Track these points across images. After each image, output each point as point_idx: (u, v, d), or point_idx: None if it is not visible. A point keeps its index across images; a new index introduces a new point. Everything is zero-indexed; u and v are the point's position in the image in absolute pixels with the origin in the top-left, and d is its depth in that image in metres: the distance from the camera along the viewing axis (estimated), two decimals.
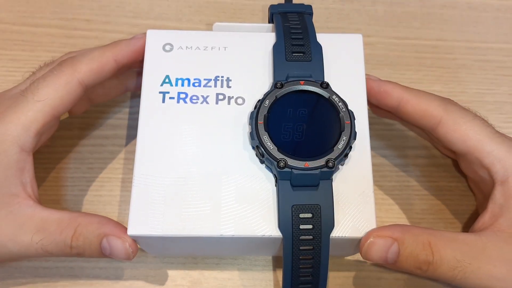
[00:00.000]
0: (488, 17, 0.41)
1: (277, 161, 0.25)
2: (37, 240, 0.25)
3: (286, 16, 0.30)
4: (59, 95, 0.27)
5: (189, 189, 0.26)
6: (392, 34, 0.40)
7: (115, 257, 0.26)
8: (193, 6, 0.40)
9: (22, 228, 0.25)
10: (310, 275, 0.25)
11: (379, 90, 0.29)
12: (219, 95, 0.28)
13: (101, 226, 0.26)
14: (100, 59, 0.28)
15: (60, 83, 0.27)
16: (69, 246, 0.25)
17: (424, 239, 0.25)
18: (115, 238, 0.25)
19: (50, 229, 0.25)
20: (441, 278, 0.25)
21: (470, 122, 0.28)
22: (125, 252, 0.26)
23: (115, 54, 0.29)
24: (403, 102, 0.28)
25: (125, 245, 0.25)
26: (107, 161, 0.34)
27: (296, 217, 0.25)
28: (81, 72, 0.27)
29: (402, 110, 0.29)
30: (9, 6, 0.39)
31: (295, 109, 0.26)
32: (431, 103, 0.28)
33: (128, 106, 0.36)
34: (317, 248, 0.25)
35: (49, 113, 0.27)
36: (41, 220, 0.26)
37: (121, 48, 0.29)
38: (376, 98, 0.29)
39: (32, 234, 0.25)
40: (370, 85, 0.29)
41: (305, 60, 0.28)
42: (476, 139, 0.27)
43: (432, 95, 0.29)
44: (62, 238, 0.25)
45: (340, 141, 0.26)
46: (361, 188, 0.26)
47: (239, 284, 0.31)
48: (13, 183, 0.26)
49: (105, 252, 0.26)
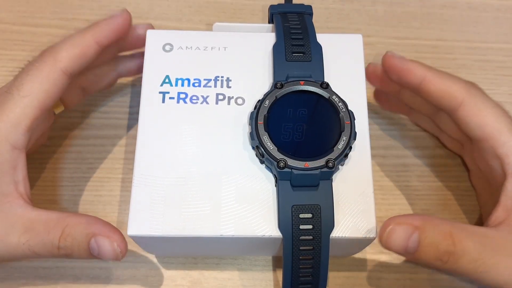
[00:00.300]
0: (488, 17, 0.41)
1: (277, 161, 0.25)
2: (24, 241, 0.25)
3: (286, 16, 0.30)
4: (44, 88, 0.26)
5: (189, 189, 0.26)
6: (392, 34, 0.40)
7: (103, 258, 0.25)
8: (193, 6, 0.40)
9: (11, 229, 0.25)
10: (310, 275, 0.25)
11: (402, 67, 0.28)
12: (219, 95, 0.28)
13: (90, 226, 0.25)
14: (80, 43, 0.27)
15: (43, 76, 0.26)
16: (57, 246, 0.25)
17: (446, 229, 0.24)
18: (103, 238, 0.25)
19: (37, 230, 0.25)
20: (460, 271, 0.24)
21: (491, 109, 0.27)
22: (113, 253, 0.25)
23: (95, 36, 0.28)
24: (426, 81, 0.28)
25: (113, 246, 0.25)
26: (107, 161, 0.34)
27: (296, 217, 0.25)
28: (63, 61, 0.27)
29: (424, 88, 0.28)
30: (9, 6, 0.39)
31: (295, 109, 0.26)
32: (454, 84, 0.28)
33: (128, 106, 0.36)
34: (317, 248, 0.25)
35: (37, 107, 0.26)
36: (29, 220, 0.25)
37: (101, 29, 0.28)
38: (398, 75, 0.29)
39: (20, 234, 0.25)
40: (393, 62, 0.29)
41: (305, 60, 0.28)
42: (494, 127, 0.27)
43: (456, 77, 0.28)
44: (50, 239, 0.25)
45: (340, 141, 0.25)
46: (361, 188, 0.26)
47: (239, 284, 0.31)
48: (4, 182, 0.25)
49: (94, 252, 0.25)
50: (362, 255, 0.32)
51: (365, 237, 0.25)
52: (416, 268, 0.31)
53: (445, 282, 0.31)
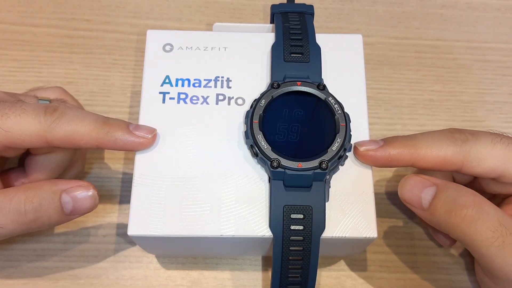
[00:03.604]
0: (488, 17, 0.41)
1: (270, 160, 0.25)
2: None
3: (286, 16, 0.30)
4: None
5: (189, 189, 0.26)
6: (392, 34, 0.40)
7: (78, 211, 0.24)
8: (193, 6, 0.40)
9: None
10: (299, 275, 0.25)
11: (387, 159, 0.26)
12: (219, 96, 0.28)
13: (55, 183, 0.24)
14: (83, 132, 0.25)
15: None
16: (23, 212, 0.23)
17: (467, 191, 0.23)
18: (75, 187, 0.24)
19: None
20: (475, 238, 0.23)
21: (491, 152, 0.25)
22: (91, 199, 0.24)
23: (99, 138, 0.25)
24: (417, 161, 0.26)
25: (88, 191, 0.24)
26: (107, 161, 0.34)
27: (287, 217, 0.25)
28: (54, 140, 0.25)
29: (419, 167, 0.26)
30: (9, 6, 0.39)
31: (290, 110, 0.26)
32: (445, 151, 0.25)
33: (128, 106, 0.36)
34: (307, 249, 0.25)
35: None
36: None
37: (104, 139, 0.25)
38: (388, 166, 0.27)
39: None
40: (374, 156, 0.26)
41: (303, 61, 0.28)
42: (504, 166, 0.25)
43: (441, 137, 0.26)
44: (14, 206, 0.23)
45: (334, 143, 0.25)
46: (361, 188, 0.26)
47: (239, 284, 0.31)
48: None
49: (67, 208, 0.24)
50: (362, 255, 0.32)
51: (365, 237, 0.25)
52: (416, 268, 0.32)
53: (445, 282, 0.31)
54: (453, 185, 0.24)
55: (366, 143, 0.26)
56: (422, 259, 0.32)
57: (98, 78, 0.37)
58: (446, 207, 0.23)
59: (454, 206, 0.23)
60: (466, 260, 0.32)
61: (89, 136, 0.25)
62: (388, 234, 0.32)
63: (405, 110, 0.37)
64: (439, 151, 0.25)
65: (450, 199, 0.23)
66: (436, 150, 0.25)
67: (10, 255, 0.31)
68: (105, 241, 0.31)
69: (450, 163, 0.25)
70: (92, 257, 0.31)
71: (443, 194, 0.24)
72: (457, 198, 0.23)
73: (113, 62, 0.37)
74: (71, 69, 0.37)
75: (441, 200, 0.24)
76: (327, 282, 0.31)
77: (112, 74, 0.37)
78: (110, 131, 0.25)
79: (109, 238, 0.31)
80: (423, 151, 0.25)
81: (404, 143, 0.26)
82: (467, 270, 0.31)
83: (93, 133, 0.25)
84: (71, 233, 0.32)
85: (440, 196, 0.24)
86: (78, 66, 0.37)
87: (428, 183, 0.24)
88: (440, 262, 0.32)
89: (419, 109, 0.37)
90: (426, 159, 0.25)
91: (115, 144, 0.25)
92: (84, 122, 0.25)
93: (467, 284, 0.31)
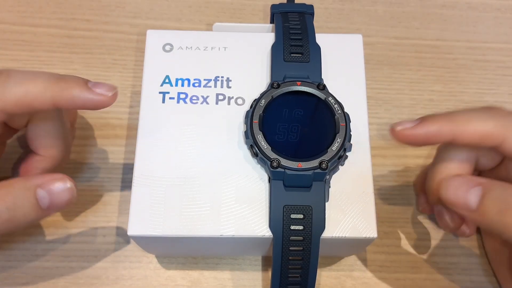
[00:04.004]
0: (488, 17, 0.41)
1: (270, 160, 0.25)
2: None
3: (286, 16, 0.30)
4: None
5: (189, 189, 0.26)
6: (392, 34, 0.40)
7: (56, 205, 0.23)
8: (193, 6, 0.40)
9: None
10: (299, 275, 0.25)
11: (426, 135, 0.25)
12: (219, 96, 0.28)
13: (28, 179, 0.23)
14: (35, 92, 0.23)
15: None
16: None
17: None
18: (52, 181, 0.23)
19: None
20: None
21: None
22: (69, 192, 0.23)
23: (56, 94, 0.24)
24: (457, 136, 0.25)
25: (65, 184, 0.23)
26: (107, 161, 0.34)
27: (287, 217, 0.25)
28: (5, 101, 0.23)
29: (458, 142, 0.25)
30: (9, 6, 0.39)
31: (290, 110, 0.26)
32: (486, 125, 0.24)
33: (128, 106, 0.36)
34: (307, 249, 0.25)
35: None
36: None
37: (70, 93, 0.24)
38: (426, 144, 0.25)
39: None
40: (412, 134, 0.25)
41: (303, 61, 0.28)
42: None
43: (480, 112, 0.25)
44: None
45: (334, 143, 0.25)
46: (361, 188, 0.26)
47: (239, 284, 0.31)
48: None
49: (43, 203, 0.23)
50: (362, 255, 0.32)
51: (365, 237, 0.25)
52: (416, 268, 0.32)
53: (445, 282, 0.31)
54: (499, 183, 0.23)
55: (402, 123, 0.25)
56: (422, 259, 0.32)
57: (98, 78, 0.37)
58: (498, 206, 0.22)
59: (507, 205, 0.22)
60: (466, 260, 0.32)
61: (43, 96, 0.23)
62: (388, 234, 0.32)
63: (405, 110, 0.37)
64: (479, 125, 0.24)
65: (501, 198, 0.22)
66: (476, 124, 0.24)
67: (10, 255, 0.31)
68: (105, 241, 0.31)
69: (491, 138, 0.24)
70: (92, 257, 0.31)
71: (492, 193, 0.23)
72: (507, 197, 0.22)
73: (113, 62, 0.37)
74: (71, 69, 0.37)
75: (491, 200, 0.23)
76: (327, 282, 0.31)
77: (112, 74, 0.37)
78: (67, 88, 0.23)
79: (109, 238, 0.31)
80: (463, 126, 0.24)
81: (442, 118, 0.25)
82: (467, 270, 0.31)
83: (47, 92, 0.23)
84: (71, 233, 0.32)
85: (489, 196, 0.23)
86: (78, 66, 0.37)
87: (473, 183, 0.23)
88: (440, 262, 0.32)
89: (419, 109, 0.37)
90: (466, 133, 0.24)
91: (73, 102, 0.24)
92: (37, 81, 0.23)
93: (467, 284, 0.31)
